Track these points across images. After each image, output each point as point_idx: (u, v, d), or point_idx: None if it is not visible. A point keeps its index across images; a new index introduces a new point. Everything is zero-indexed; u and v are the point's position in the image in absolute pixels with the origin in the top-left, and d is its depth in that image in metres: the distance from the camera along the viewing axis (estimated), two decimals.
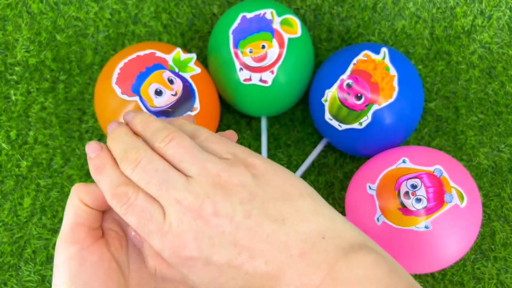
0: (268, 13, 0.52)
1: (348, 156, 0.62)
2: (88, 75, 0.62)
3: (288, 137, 0.62)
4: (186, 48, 0.64)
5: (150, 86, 0.48)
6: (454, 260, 0.48)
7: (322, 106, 0.53)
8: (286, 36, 0.52)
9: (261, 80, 0.52)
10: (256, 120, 0.62)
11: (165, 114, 0.49)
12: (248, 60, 0.52)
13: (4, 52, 0.62)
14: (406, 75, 0.51)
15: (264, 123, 0.60)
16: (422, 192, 0.46)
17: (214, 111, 0.55)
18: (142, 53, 0.50)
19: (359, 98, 0.50)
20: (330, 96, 0.52)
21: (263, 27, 0.52)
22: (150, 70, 0.49)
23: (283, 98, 0.55)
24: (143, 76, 0.49)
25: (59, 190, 0.59)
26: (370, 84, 0.50)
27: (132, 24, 0.63)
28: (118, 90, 0.48)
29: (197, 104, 0.51)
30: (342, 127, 0.52)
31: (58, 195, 0.59)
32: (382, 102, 0.50)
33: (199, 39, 0.64)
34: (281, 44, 0.52)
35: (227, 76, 0.54)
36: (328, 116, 0.53)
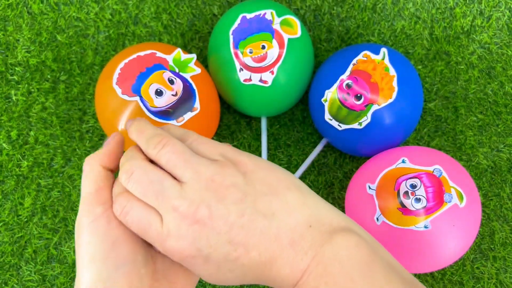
0: (268, 13, 0.52)
1: (348, 156, 0.62)
2: (88, 76, 0.62)
3: (288, 137, 0.62)
4: (187, 49, 0.64)
5: (150, 86, 0.48)
6: (454, 260, 0.48)
7: (322, 106, 0.53)
8: (286, 37, 0.52)
9: (261, 80, 0.52)
10: (256, 120, 0.62)
11: (165, 114, 0.49)
12: (248, 60, 0.52)
13: (5, 52, 0.63)
14: (405, 75, 0.51)
15: (264, 123, 0.60)
16: (421, 192, 0.46)
17: (214, 111, 0.55)
18: (142, 53, 0.50)
19: (358, 98, 0.51)
20: (329, 96, 0.52)
21: (263, 28, 0.52)
22: (150, 71, 0.49)
23: (283, 98, 0.56)
24: (143, 76, 0.49)
25: (60, 190, 0.59)
26: (370, 84, 0.50)
27: (132, 24, 0.63)
28: (118, 90, 0.48)
29: (197, 104, 0.51)
30: (342, 127, 0.53)
31: (58, 195, 0.59)
32: (382, 102, 0.50)
33: (199, 39, 0.64)
34: (281, 45, 0.52)
35: (227, 76, 0.54)
36: (327, 116, 0.53)
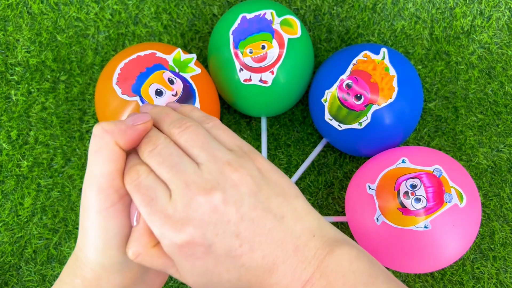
0: (268, 13, 0.52)
1: (348, 156, 0.62)
2: (88, 76, 0.62)
3: (288, 137, 0.62)
4: (187, 49, 0.64)
5: (150, 87, 0.48)
6: (454, 260, 0.48)
7: (322, 106, 0.53)
8: (286, 37, 0.52)
9: (261, 80, 0.52)
10: (256, 120, 0.62)
11: None
12: (248, 60, 0.52)
13: (4, 52, 0.63)
14: (405, 76, 0.51)
15: (264, 123, 0.60)
16: (421, 192, 0.46)
17: (214, 111, 0.55)
18: (142, 53, 0.50)
19: (358, 98, 0.51)
20: (329, 96, 0.52)
21: (263, 28, 0.52)
22: (150, 71, 0.49)
23: (283, 98, 0.56)
24: (143, 77, 0.49)
25: (60, 190, 0.59)
26: (370, 84, 0.50)
27: (132, 24, 0.63)
28: (118, 91, 0.48)
29: (197, 104, 0.51)
30: (342, 127, 0.53)
31: (58, 195, 0.59)
32: (382, 102, 0.50)
33: (199, 39, 0.64)
34: (281, 45, 0.52)
35: (227, 76, 0.54)
36: (327, 116, 0.53)
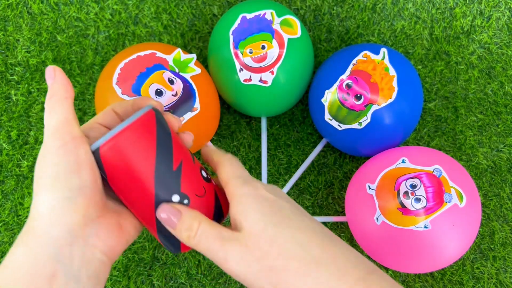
0: (268, 13, 0.52)
1: (348, 156, 0.62)
2: (88, 76, 0.62)
3: (288, 137, 0.62)
4: (187, 49, 0.64)
5: (150, 86, 0.48)
6: (454, 260, 0.48)
7: (322, 106, 0.53)
8: (286, 37, 0.52)
9: (261, 80, 0.52)
10: (256, 120, 0.62)
11: None
12: (248, 60, 0.52)
13: (5, 52, 0.63)
14: (405, 76, 0.51)
15: (264, 123, 0.60)
16: (421, 192, 0.46)
17: (214, 111, 0.55)
18: (142, 53, 0.50)
19: (358, 98, 0.51)
20: (329, 96, 0.52)
21: (263, 28, 0.52)
22: (150, 71, 0.49)
23: (283, 98, 0.56)
24: (143, 77, 0.49)
25: None
26: (370, 85, 0.50)
27: (132, 24, 0.63)
28: (118, 91, 0.48)
29: (197, 104, 0.51)
30: (342, 127, 0.53)
31: None
32: (382, 102, 0.50)
33: (199, 39, 0.64)
34: (281, 45, 0.52)
35: (227, 76, 0.54)
36: (327, 116, 0.53)
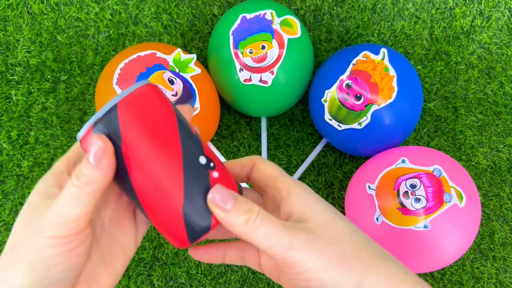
0: (268, 13, 0.52)
1: (348, 156, 0.62)
2: (89, 76, 0.62)
3: (288, 137, 0.62)
4: (187, 49, 0.64)
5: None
6: (453, 260, 0.48)
7: (322, 106, 0.53)
8: (286, 37, 0.52)
9: (261, 80, 0.53)
10: (256, 120, 0.62)
11: None
12: (248, 60, 0.52)
13: (5, 52, 0.63)
14: (405, 76, 0.51)
15: (264, 123, 0.60)
16: (421, 191, 0.46)
17: (214, 111, 0.55)
18: (142, 53, 0.50)
19: (358, 98, 0.51)
20: (329, 96, 0.52)
21: (263, 28, 0.52)
22: (150, 71, 0.49)
23: (283, 98, 0.56)
24: (143, 77, 0.49)
25: None
26: (370, 85, 0.50)
27: (132, 24, 0.63)
28: (119, 91, 0.48)
29: (197, 104, 0.51)
30: (342, 127, 0.53)
31: None
32: (382, 103, 0.50)
33: (199, 39, 0.64)
34: (281, 45, 0.52)
35: (227, 76, 0.54)
36: (327, 116, 0.53)
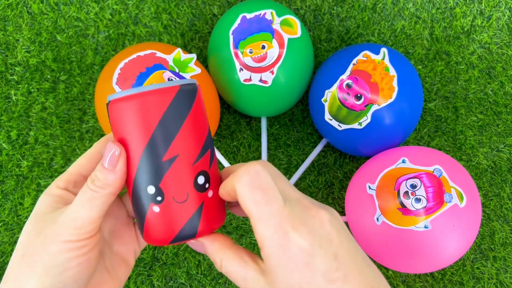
0: (268, 13, 0.52)
1: (348, 156, 0.62)
2: (88, 76, 0.62)
3: (288, 137, 0.62)
4: (187, 49, 0.64)
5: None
6: (454, 260, 0.48)
7: (322, 106, 0.53)
8: (286, 37, 0.52)
9: (261, 80, 0.52)
10: (256, 120, 0.62)
11: None
12: (248, 60, 0.52)
13: (4, 52, 0.63)
14: (405, 75, 0.51)
15: (264, 123, 0.60)
16: (421, 192, 0.46)
17: (214, 111, 0.55)
18: (142, 53, 0.50)
19: (358, 98, 0.51)
20: (329, 96, 0.52)
21: (263, 28, 0.52)
22: (150, 70, 0.49)
23: (283, 98, 0.56)
24: (143, 76, 0.49)
25: None
26: (370, 84, 0.50)
27: (132, 24, 0.63)
28: (118, 90, 0.48)
29: None
30: (342, 127, 0.53)
31: None
32: (382, 102, 0.50)
33: (199, 39, 0.64)
34: (281, 45, 0.52)
35: (227, 76, 0.54)
36: (328, 116, 0.53)
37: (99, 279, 0.30)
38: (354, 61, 0.52)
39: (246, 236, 0.59)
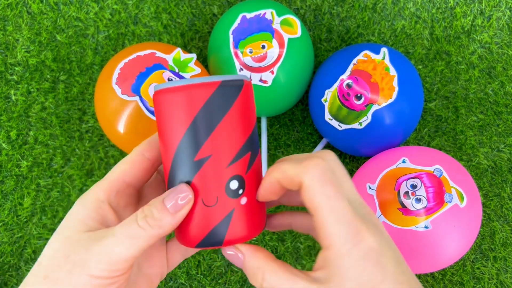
0: (268, 13, 0.52)
1: (348, 156, 0.62)
2: (88, 75, 0.62)
3: (288, 137, 0.62)
4: (186, 48, 0.64)
5: (150, 86, 0.48)
6: (454, 260, 0.48)
7: (322, 106, 0.53)
8: (286, 36, 0.52)
9: (261, 80, 0.52)
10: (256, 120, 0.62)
11: None
12: (248, 60, 0.52)
13: (4, 52, 0.62)
14: (406, 75, 0.51)
15: (264, 123, 0.60)
16: (422, 192, 0.46)
17: None
18: (142, 53, 0.50)
19: (359, 98, 0.51)
20: (330, 96, 0.52)
21: (263, 27, 0.52)
22: (150, 70, 0.49)
23: (283, 98, 0.55)
24: (143, 76, 0.49)
25: (59, 190, 0.59)
26: (370, 84, 0.50)
27: (132, 24, 0.63)
28: (118, 90, 0.48)
29: None
30: (342, 127, 0.52)
31: (58, 195, 0.59)
32: (382, 102, 0.50)
33: (199, 39, 0.64)
34: (281, 44, 0.52)
35: None
36: (328, 116, 0.53)
37: None
38: (354, 61, 0.52)
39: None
